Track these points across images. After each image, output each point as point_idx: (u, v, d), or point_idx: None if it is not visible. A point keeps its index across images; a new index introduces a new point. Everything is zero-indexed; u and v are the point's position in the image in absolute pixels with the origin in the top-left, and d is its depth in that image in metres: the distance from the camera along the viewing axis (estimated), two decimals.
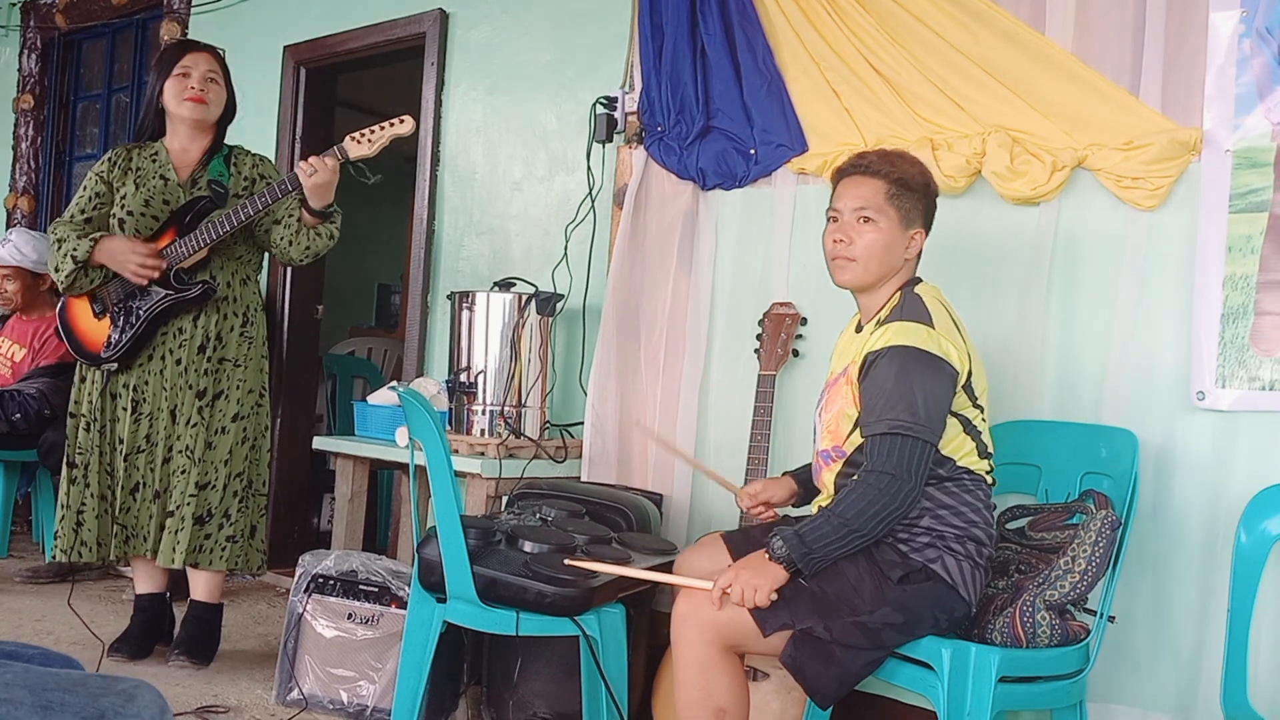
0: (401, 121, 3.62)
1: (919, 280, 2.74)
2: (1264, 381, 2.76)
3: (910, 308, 2.61)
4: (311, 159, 3.56)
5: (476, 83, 4.65)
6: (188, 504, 3.69)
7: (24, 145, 7.06)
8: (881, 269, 2.69)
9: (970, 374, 2.58)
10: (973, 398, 2.60)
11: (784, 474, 3.04)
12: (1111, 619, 2.60)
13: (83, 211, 3.81)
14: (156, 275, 3.67)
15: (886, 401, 2.49)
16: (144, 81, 6.65)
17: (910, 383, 2.48)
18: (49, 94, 7.11)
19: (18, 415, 5.02)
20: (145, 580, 3.96)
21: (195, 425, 3.72)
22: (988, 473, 2.64)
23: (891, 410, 2.47)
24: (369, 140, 3.58)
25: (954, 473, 2.58)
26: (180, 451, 3.73)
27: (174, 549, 3.69)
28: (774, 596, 2.46)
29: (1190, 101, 2.90)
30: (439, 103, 4.75)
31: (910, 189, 2.67)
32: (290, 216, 3.74)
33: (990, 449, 2.65)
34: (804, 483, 2.98)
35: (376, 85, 6.17)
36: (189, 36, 5.93)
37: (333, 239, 3.79)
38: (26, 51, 7.06)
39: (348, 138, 3.61)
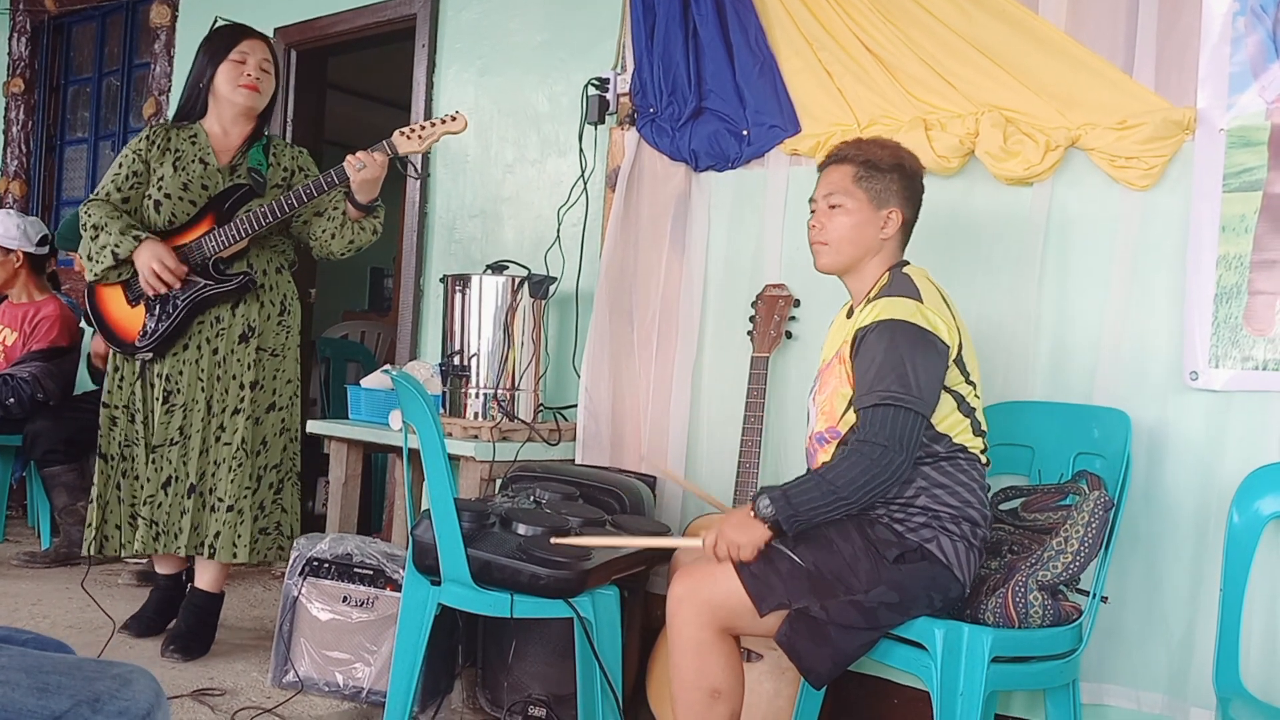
0: (454, 119, 3.58)
1: (906, 263, 2.76)
2: (1257, 361, 2.76)
3: (898, 284, 2.64)
4: (360, 154, 3.51)
5: (468, 65, 4.64)
6: (244, 497, 3.65)
7: (14, 129, 7.05)
8: (855, 250, 2.73)
9: (960, 348, 2.59)
10: (965, 373, 2.60)
11: None
12: (1104, 599, 2.61)
13: (119, 190, 3.73)
14: (164, 289, 3.59)
15: (877, 374, 2.50)
16: (135, 65, 6.65)
17: (900, 354, 2.49)
18: (39, 78, 7.09)
19: (11, 400, 5.01)
20: (167, 562, 3.96)
21: (249, 417, 3.68)
22: (982, 451, 2.64)
23: (882, 382, 2.48)
24: (419, 136, 3.55)
25: (950, 451, 2.58)
26: (228, 444, 3.68)
27: (234, 544, 3.65)
28: (757, 551, 2.50)
29: (1184, 80, 2.90)
30: (430, 85, 4.74)
31: (878, 169, 2.72)
32: (335, 210, 3.71)
33: (984, 427, 2.66)
34: None
35: (367, 68, 6.17)
36: (179, 19, 5.93)
37: (376, 233, 3.77)
38: (16, 35, 7.04)
39: (396, 133, 3.56)
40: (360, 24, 5.06)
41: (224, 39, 3.80)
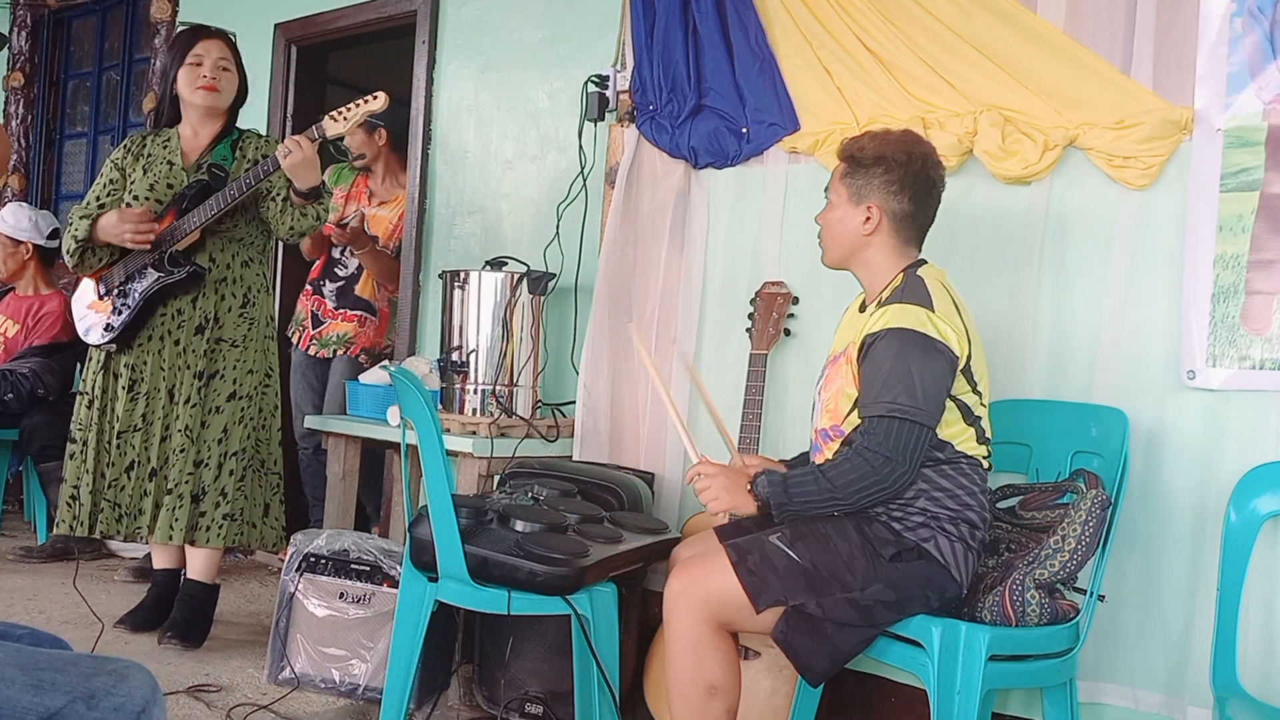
0: (374, 98, 3.64)
1: (923, 262, 2.72)
2: (1254, 360, 2.76)
3: (911, 290, 2.60)
4: (288, 140, 3.61)
5: (468, 61, 4.64)
6: (185, 482, 3.74)
7: (14, 123, 7.04)
8: (840, 247, 2.76)
9: (970, 358, 2.57)
10: (972, 383, 2.59)
11: (780, 461, 3.02)
12: (1101, 598, 2.61)
13: (97, 198, 3.88)
14: (154, 236, 3.72)
15: (884, 384, 2.49)
16: (135, 59, 6.66)
17: (908, 365, 2.48)
18: (39, 72, 7.10)
19: (10, 395, 5.01)
20: (163, 557, 4.02)
21: (195, 405, 3.76)
22: (985, 457, 2.64)
23: (889, 393, 2.47)
24: (344, 118, 3.62)
25: (952, 456, 2.57)
26: (180, 431, 3.77)
27: (172, 526, 3.73)
28: (725, 518, 2.51)
29: (1182, 80, 2.90)
30: (430, 81, 4.74)
31: (860, 164, 2.71)
32: (278, 195, 3.78)
33: (989, 434, 2.65)
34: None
35: (368, 63, 6.15)
36: (179, 14, 5.93)
37: (319, 219, 3.83)
38: (16, 29, 7.04)
39: (326, 117, 3.65)
40: (361, 20, 5.06)
41: (181, 43, 3.90)
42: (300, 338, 5.00)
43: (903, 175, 2.69)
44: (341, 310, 4.92)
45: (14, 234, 5.33)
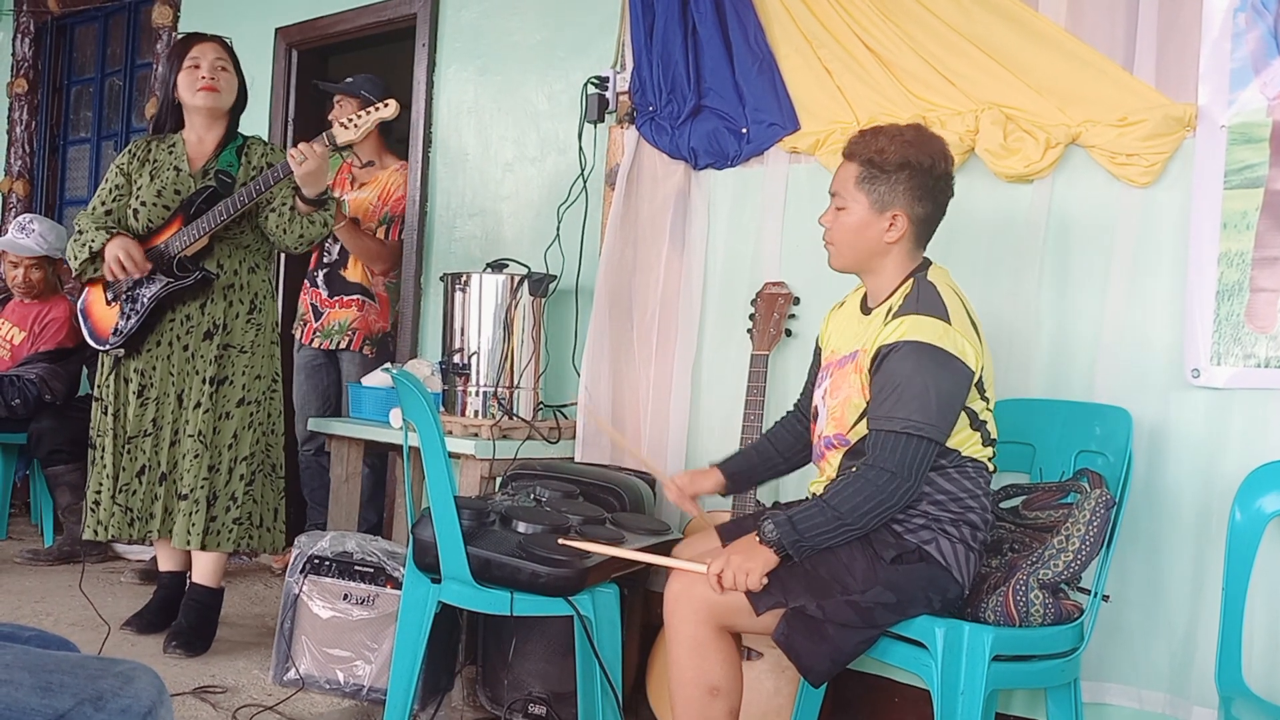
0: (385, 105, 3.67)
1: (928, 262, 2.69)
2: (1259, 358, 2.75)
3: (925, 299, 2.54)
4: (300, 146, 3.61)
5: (467, 63, 4.64)
6: (201, 488, 3.75)
7: (18, 129, 7.07)
8: (856, 254, 2.68)
9: (982, 369, 2.55)
10: (981, 391, 2.57)
11: (711, 465, 3.01)
12: (1105, 598, 2.60)
13: (103, 203, 3.90)
14: (125, 275, 3.73)
15: (898, 398, 2.45)
16: (137, 65, 6.67)
17: (925, 381, 2.44)
18: (42, 78, 7.12)
19: (16, 400, 5.03)
20: (168, 559, 4.04)
21: (208, 411, 3.77)
22: (990, 459, 2.62)
23: (904, 408, 2.44)
24: (355, 125, 3.64)
25: (957, 461, 2.56)
26: (191, 436, 3.78)
27: (189, 531, 3.75)
28: (764, 580, 2.46)
29: (1185, 77, 2.88)
30: (430, 84, 4.75)
31: (882, 170, 2.59)
32: (283, 205, 3.78)
33: (994, 436, 2.63)
34: (733, 475, 2.97)
35: (368, 67, 6.15)
36: (181, 19, 5.97)
37: (326, 226, 3.84)
38: (19, 36, 7.06)
39: (336, 124, 3.67)
40: (361, 24, 5.07)
41: (178, 49, 3.93)
42: (303, 332, 4.96)
43: (926, 180, 2.61)
44: (336, 298, 4.89)
45: (52, 253, 5.34)
